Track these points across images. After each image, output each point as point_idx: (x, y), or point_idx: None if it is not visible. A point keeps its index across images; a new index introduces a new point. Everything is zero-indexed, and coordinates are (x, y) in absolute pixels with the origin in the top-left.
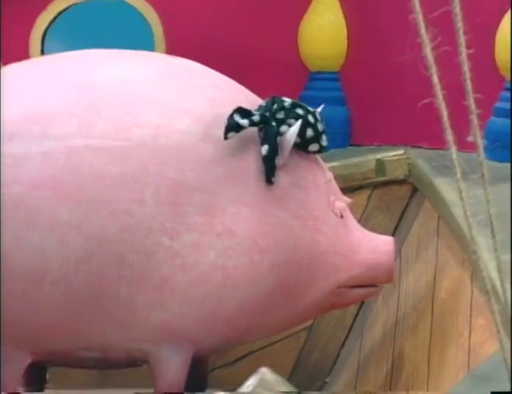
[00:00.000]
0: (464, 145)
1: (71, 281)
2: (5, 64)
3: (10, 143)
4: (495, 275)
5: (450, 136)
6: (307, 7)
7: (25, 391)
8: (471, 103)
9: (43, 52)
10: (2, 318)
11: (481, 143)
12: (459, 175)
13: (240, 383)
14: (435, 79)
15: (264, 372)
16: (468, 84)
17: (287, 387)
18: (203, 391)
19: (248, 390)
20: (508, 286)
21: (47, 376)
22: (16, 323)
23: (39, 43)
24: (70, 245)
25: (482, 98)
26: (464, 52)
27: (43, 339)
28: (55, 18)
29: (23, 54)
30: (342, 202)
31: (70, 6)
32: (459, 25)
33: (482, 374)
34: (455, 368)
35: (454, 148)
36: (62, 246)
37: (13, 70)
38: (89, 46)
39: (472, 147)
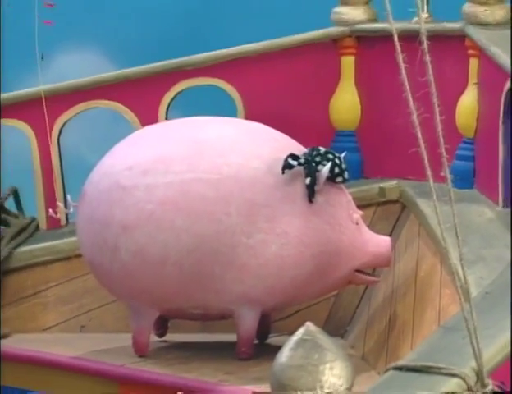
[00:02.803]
0: (437, 178)
1: (184, 264)
2: (142, 125)
3: (145, 176)
4: (457, 262)
5: (428, 172)
6: (334, 90)
7: (155, 334)
8: (442, 151)
9: (167, 118)
10: (140, 288)
11: (448, 176)
12: (434, 197)
13: (292, 331)
14: (419, 135)
15: (308, 324)
16: (441, 139)
17: (323, 334)
18: (267, 336)
19: (297, 337)
20: (466, 269)
21: (168, 325)
22: (148, 291)
23: (165, 111)
24: (182, 241)
25: (448, 147)
26: (438, 118)
27: (166, 301)
28: (175, 96)
29: (154, 119)
30: (357, 214)
31: (184, 89)
32: (435, 100)
33: (450, 326)
34: (430, 323)
35: (431, 180)
36: (178, 242)
37: (148, 129)
38: (196, 114)
39: (442, 179)
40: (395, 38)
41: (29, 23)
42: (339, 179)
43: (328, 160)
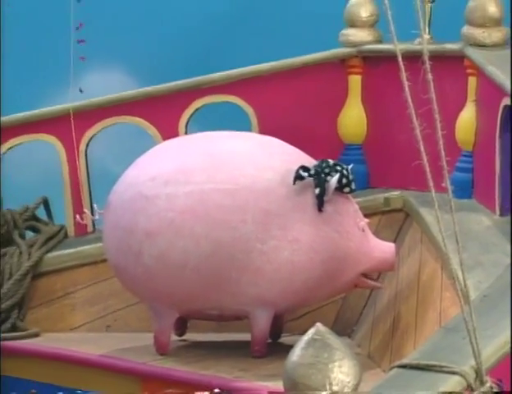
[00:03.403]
0: (438, 189)
1: (202, 268)
2: (164, 139)
3: (166, 186)
4: (457, 267)
5: (430, 183)
6: (342, 106)
7: (175, 334)
8: (444, 163)
9: (186, 132)
10: (161, 291)
11: (449, 187)
12: (436, 206)
13: (303, 331)
14: (421, 148)
15: (318, 325)
16: (442, 152)
17: (332, 334)
18: (279, 335)
19: (308, 337)
20: (466, 275)
21: (187, 325)
22: (169, 293)
23: (184, 126)
24: (201, 247)
25: (449, 160)
26: (439, 133)
27: (185, 303)
28: (194, 112)
29: (174, 133)
30: (364, 222)
31: (203, 105)
32: (436, 116)
33: (450, 327)
34: (432, 324)
35: (433, 190)
36: (197, 247)
37: (168, 143)
38: (213, 129)
39: (443, 189)
40: (399, 58)
41: (61, 47)
42: (346, 189)
43: (336, 172)
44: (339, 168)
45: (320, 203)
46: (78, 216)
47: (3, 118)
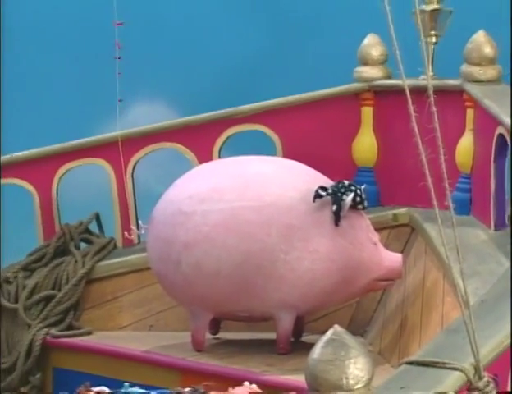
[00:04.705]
0: (441, 206)
1: (233, 276)
2: (200, 163)
3: (202, 204)
4: (457, 276)
5: (434, 201)
6: (356, 134)
7: (209, 333)
8: (446, 184)
9: (219, 157)
10: (198, 295)
11: (450, 205)
12: (439, 222)
13: (321, 331)
14: (426, 171)
15: (336, 326)
16: (445, 174)
17: (348, 335)
18: (301, 334)
19: (327, 337)
20: (465, 283)
21: (220, 325)
22: (204, 297)
23: (218, 151)
24: (232, 256)
25: (450, 181)
26: (442, 158)
27: (218, 305)
28: (226, 139)
29: (209, 157)
30: (375, 236)
31: (234, 133)
32: (439, 143)
33: (452, 329)
34: (435, 325)
35: (436, 208)
36: (229, 257)
37: (204, 166)
38: (243, 154)
39: (445, 207)
40: (407, 92)
41: (108, 80)
42: (360, 206)
43: (351, 191)
44: (353, 188)
45: (337, 218)
46: (126, 233)
47: (60, 145)
